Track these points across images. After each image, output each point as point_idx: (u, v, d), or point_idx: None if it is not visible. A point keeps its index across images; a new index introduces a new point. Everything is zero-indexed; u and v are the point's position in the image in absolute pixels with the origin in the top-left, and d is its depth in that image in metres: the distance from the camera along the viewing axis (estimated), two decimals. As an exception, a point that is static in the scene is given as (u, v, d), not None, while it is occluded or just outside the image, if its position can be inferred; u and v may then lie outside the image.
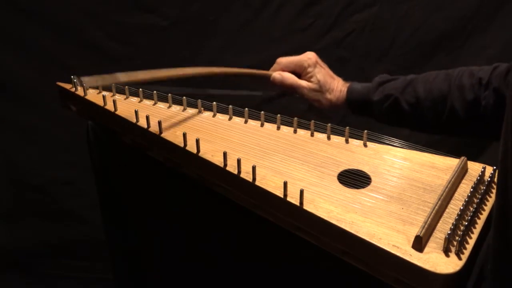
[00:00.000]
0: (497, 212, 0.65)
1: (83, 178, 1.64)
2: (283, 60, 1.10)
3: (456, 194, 0.80)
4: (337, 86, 1.08)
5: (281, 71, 1.10)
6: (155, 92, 1.03)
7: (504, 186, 0.61)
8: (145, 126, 0.94)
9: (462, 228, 0.72)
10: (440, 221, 0.74)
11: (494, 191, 0.82)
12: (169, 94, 1.03)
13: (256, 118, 1.00)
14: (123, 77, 0.95)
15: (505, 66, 0.93)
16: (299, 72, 1.09)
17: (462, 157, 0.86)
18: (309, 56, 1.09)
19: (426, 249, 0.70)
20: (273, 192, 0.79)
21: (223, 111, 1.02)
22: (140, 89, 1.04)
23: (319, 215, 0.75)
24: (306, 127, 0.97)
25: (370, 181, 0.84)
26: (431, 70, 1.06)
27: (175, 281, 1.12)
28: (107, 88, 1.04)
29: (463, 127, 0.97)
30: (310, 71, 1.07)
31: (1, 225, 1.76)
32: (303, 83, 1.08)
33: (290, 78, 1.08)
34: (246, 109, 1.00)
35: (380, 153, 0.91)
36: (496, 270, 0.65)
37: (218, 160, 0.86)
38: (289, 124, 0.98)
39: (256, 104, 1.10)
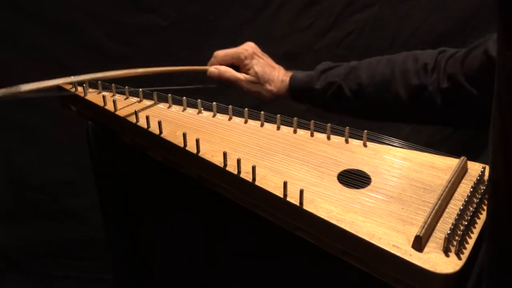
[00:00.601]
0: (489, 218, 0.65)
1: (83, 178, 1.64)
2: (220, 53, 1.08)
3: (456, 194, 0.80)
4: (278, 76, 1.06)
5: (218, 65, 1.07)
6: (155, 92, 1.03)
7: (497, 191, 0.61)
8: (145, 126, 0.94)
9: (462, 228, 0.72)
10: (440, 221, 0.74)
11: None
12: (169, 94, 1.03)
13: (256, 118, 1.00)
14: (25, 87, 0.94)
15: (457, 53, 0.91)
16: (236, 64, 1.07)
17: (462, 157, 0.86)
18: (246, 48, 1.07)
19: (426, 249, 0.70)
20: (273, 192, 0.79)
21: (223, 111, 1.02)
22: (140, 89, 1.04)
23: (319, 215, 0.75)
24: (306, 127, 0.97)
25: (370, 181, 0.84)
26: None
27: (175, 281, 1.12)
28: (107, 88, 1.04)
29: (407, 113, 0.96)
30: (247, 63, 1.05)
31: (1, 225, 1.76)
32: (241, 76, 1.06)
33: (227, 71, 1.06)
34: (246, 109, 1.00)
35: (380, 153, 0.91)
36: (491, 276, 0.65)
37: (218, 160, 0.86)
38: (289, 124, 0.98)
39: (256, 104, 1.10)
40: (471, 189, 0.80)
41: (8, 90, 0.92)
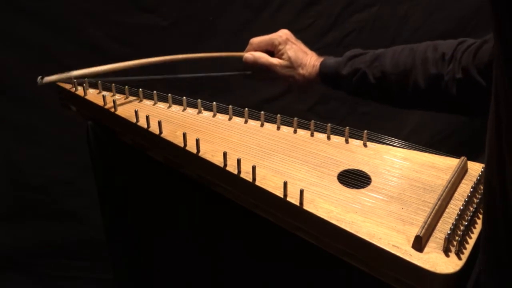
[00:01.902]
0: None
1: (83, 178, 1.64)
2: (255, 40, 1.12)
3: (456, 194, 0.80)
4: (310, 61, 1.09)
5: (253, 51, 1.11)
6: (155, 92, 1.03)
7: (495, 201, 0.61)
8: (145, 126, 0.94)
9: (462, 228, 0.72)
10: (440, 221, 0.74)
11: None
12: (169, 94, 1.03)
13: (256, 118, 1.00)
14: (77, 72, 0.98)
15: (473, 44, 0.93)
16: (271, 50, 1.10)
17: (462, 157, 0.86)
18: (280, 34, 1.10)
19: (426, 249, 0.70)
20: (273, 192, 0.79)
21: (223, 111, 1.02)
22: (140, 89, 1.04)
23: (319, 215, 0.75)
24: (306, 127, 0.97)
25: (370, 181, 0.84)
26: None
27: (175, 281, 1.12)
28: (107, 88, 1.04)
29: (425, 101, 0.98)
30: (281, 48, 1.08)
31: (1, 225, 1.75)
32: (275, 60, 1.09)
33: (262, 57, 1.09)
34: (246, 109, 1.00)
35: (380, 153, 0.91)
36: (488, 276, 0.65)
37: (218, 160, 0.86)
38: (289, 124, 0.98)
39: (256, 104, 1.10)
40: (471, 189, 0.80)
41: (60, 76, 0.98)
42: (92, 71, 1.00)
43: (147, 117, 0.93)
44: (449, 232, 0.70)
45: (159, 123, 0.92)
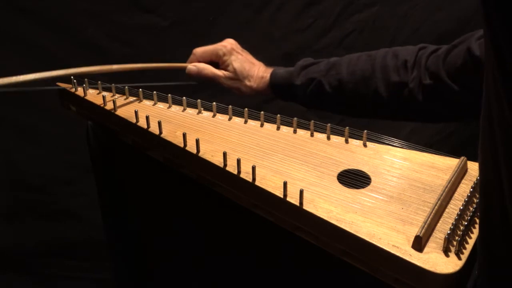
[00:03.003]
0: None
1: (83, 178, 1.64)
2: (198, 50, 1.08)
3: (456, 194, 0.80)
4: (258, 73, 1.06)
5: (196, 63, 1.08)
6: (155, 92, 1.03)
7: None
8: (145, 126, 0.94)
9: (462, 228, 0.72)
10: (440, 221, 0.74)
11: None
12: (169, 95, 1.03)
13: (256, 118, 1.00)
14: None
15: (439, 49, 0.91)
16: (216, 61, 1.07)
17: (462, 157, 0.86)
18: (225, 44, 1.07)
19: (426, 249, 0.70)
20: (273, 192, 0.79)
21: (223, 111, 1.02)
22: (140, 90, 1.04)
23: (319, 215, 0.75)
24: (306, 127, 0.97)
25: (370, 181, 0.84)
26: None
27: (175, 281, 1.12)
28: (107, 88, 1.04)
29: (387, 110, 0.96)
30: (226, 59, 1.05)
31: (1, 225, 1.75)
32: (219, 72, 1.06)
33: (206, 68, 1.06)
34: (246, 109, 1.00)
35: (380, 153, 0.91)
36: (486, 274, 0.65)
37: (218, 160, 0.86)
38: (289, 124, 0.98)
39: (256, 104, 1.10)
40: (471, 189, 0.80)
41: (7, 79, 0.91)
42: (43, 75, 0.94)
43: (147, 117, 0.93)
44: (449, 232, 0.70)
45: (159, 123, 0.92)
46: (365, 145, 0.93)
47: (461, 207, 0.76)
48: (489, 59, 0.50)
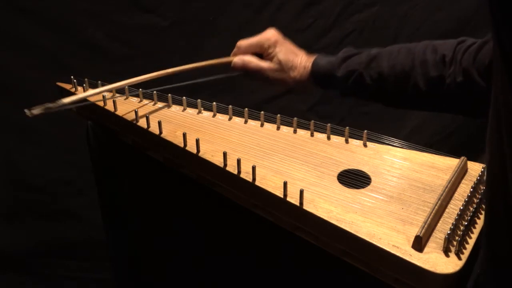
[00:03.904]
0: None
1: (83, 178, 1.64)
2: (243, 44, 1.07)
3: (456, 194, 0.80)
4: (300, 63, 1.04)
5: (242, 56, 1.06)
6: (155, 92, 1.03)
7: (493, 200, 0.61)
8: (145, 126, 0.94)
9: (462, 228, 0.72)
10: (440, 221, 0.74)
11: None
12: (169, 95, 1.03)
13: (256, 118, 1.00)
14: (66, 99, 0.93)
15: (473, 45, 0.92)
16: (260, 52, 1.06)
17: (462, 157, 0.86)
18: (269, 36, 1.06)
19: (426, 249, 0.70)
20: (273, 192, 0.79)
21: (223, 111, 1.02)
22: (140, 89, 1.04)
23: (319, 215, 0.75)
24: (306, 127, 0.97)
25: (370, 181, 0.84)
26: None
27: (175, 281, 1.13)
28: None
29: (426, 102, 0.96)
30: (271, 51, 1.04)
31: (1, 225, 1.75)
32: (265, 65, 1.04)
33: (252, 61, 1.05)
34: (246, 109, 1.00)
35: (380, 153, 0.91)
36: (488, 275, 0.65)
37: (218, 160, 0.86)
38: (289, 124, 0.98)
39: (256, 104, 1.10)
40: (471, 189, 0.80)
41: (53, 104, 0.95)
42: (81, 96, 0.95)
43: (147, 117, 0.93)
44: (449, 232, 0.70)
45: (159, 123, 0.92)
46: (365, 145, 0.93)
47: (461, 207, 0.76)
48: (496, 61, 0.51)
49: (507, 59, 0.48)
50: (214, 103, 1.01)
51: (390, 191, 0.81)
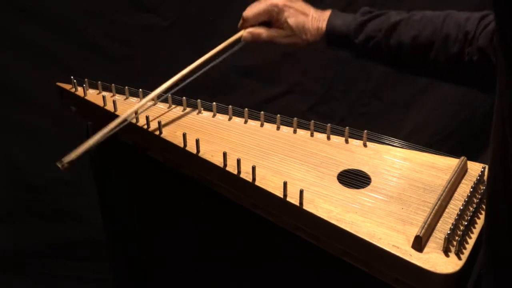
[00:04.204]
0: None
1: (83, 178, 1.64)
2: (249, 15, 1.04)
3: (456, 194, 0.80)
4: (312, 24, 1.02)
5: (250, 29, 1.04)
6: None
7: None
8: (145, 126, 0.94)
9: (462, 228, 0.72)
10: (440, 221, 0.74)
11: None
12: (169, 94, 1.03)
13: (256, 118, 1.00)
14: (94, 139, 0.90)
15: (491, 23, 0.90)
16: (268, 20, 1.04)
17: (462, 157, 0.86)
18: (275, 2, 1.02)
19: (426, 249, 0.70)
20: (273, 192, 0.79)
21: (223, 111, 1.02)
22: (140, 89, 1.04)
23: (319, 215, 0.75)
24: (306, 127, 0.97)
25: (370, 181, 0.84)
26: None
27: (175, 281, 1.13)
28: (106, 88, 1.04)
29: (444, 75, 0.96)
30: (279, 18, 1.02)
31: (1, 225, 1.75)
32: (275, 32, 1.03)
33: (262, 33, 1.03)
34: (246, 109, 1.00)
35: (380, 153, 0.91)
36: (490, 276, 0.65)
37: (218, 160, 0.86)
38: (289, 124, 0.98)
39: (256, 104, 1.10)
40: (471, 189, 0.80)
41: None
42: (105, 132, 0.91)
43: (147, 117, 0.93)
44: (449, 232, 0.70)
45: (159, 123, 0.92)
46: (365, 145, 0.93)
47: (461, 207, 0.76)
48: (500, 56, 0.51)
49: (511, 55, 0.48)
50: (214, 103, 1.01)
51: (390, 191, 0.81)
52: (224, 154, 0.84)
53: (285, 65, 1.13)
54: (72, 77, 1.04)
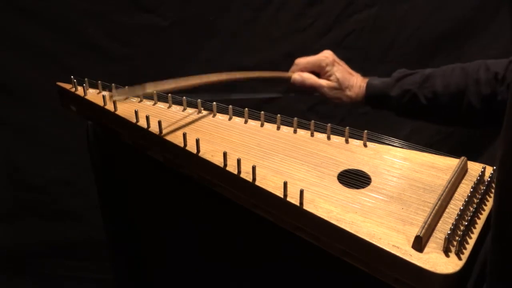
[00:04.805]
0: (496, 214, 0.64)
1: (83, 178, 1.64)
2: (302, 61, 1.12)
3: (456, 194, 0.80)
4: (356, 82, 1.09)
5: (300, 72, 1.11)
6: (155, 92, 1.03)
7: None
8: (145, 126, 0.94)
9: (462, 228, 0.72)
10: (440, 221, 0.74)
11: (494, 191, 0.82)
12: (169, 95, 1.03)
13: (256, 118, 1.00)
14: (150, 87, 0.95)
15: None
16: (317, 71, 1.11)
17: (462, 157, 0.86)
18: (326, 55, 1.10)
19: (426, 249, 0.70)
20: (273, 192, 0.79)
21: (223, 111, 1.02)
22: (140, 89, 1.04)
23: (319, 215, 0.75)
24: (306, 127, 0.97)
25: (370, 181, 0.84)
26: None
27: (175, 280, 1.12)
28: (107, 88, 1.04)
29: (479, 121, 0.99)
30: (328, 69, 1.08)
31: (1, 225, 1.75)
32: (323, 82, 1.09)
33: (310, 78, 1.10)
34: (246, 109, 1.00)
35: (380, 153, 0.91)
36: (497, 273, 0.64)
37: (218, 160, 0.86)
38: (289, 124, 0.98)
39: (256, 104, 1.10)
40: (471, 189, 0.80)
41: (133, 90, 0.96)
42: (160, 88, 0.97)
43: (147, 117, 0.93)
44: (449, 232, 0.70)
45: (159, 123, 0.92)
46: (365, 145, 0.93)
47: (461, 207, 0.76)
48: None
49: None
50: (214, 103, 1.01)
51: (390, 191, 0.81)
52: (224, 154, 0.84)
53: (285, 65, 1.14)
54: (72, 77, 1.04)
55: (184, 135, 0.89)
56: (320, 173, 0.85)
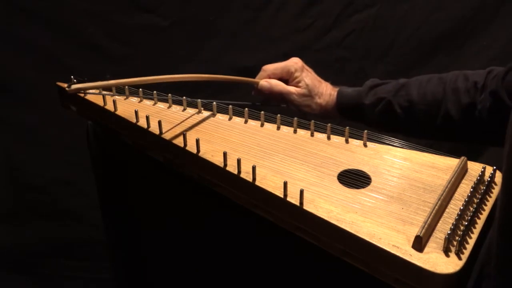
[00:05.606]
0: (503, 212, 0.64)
1: (83, 178, 1.64)
2: (269, 67, 1.07)
3: (456, 194, 0.80)
4: (326, 90, 1.06)
5: (268, 79, 1.07)
6: (155, 92, 1.03)
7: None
8: (145, 126, 0.94)
9: (462, 228, 0.72)
10: (440, 221, 0.74)
11: (494, 191, 0.82)
12: (169, 95, 1.03)
13: (256, 118, 1.00)
14: (111, 82, 0.93)
15: (502, 70, 0.91)
16: (286, 78, 1.07)
17: (462, 157, 0.86)
18: (295, 61, 1.06)
19: (426, 249, 0.70)
20: (273, 192, 0.79)
21: (223, 111, 1.02)
22: (140, 89, 1.04)
23: (319, 215, 0.75)
24: (306, 127, 0.97)
25: (370, 181, 0.84)
26: (431, 71, 1.05)
27: (175, 280, 1.12)
28: (107, 89, 1.04)
29: (457, 132, 0.96)
30: (297, 75, 1.05)
31: (1, 225, 1.76)
32: (292, 89, 1.05)
33: (279, 85, 1.05)
34: (246, 109, 1.00)
35: (380, 153, 0.91)
36: (501, 269, 0.64)
37: (218, 160, 0.86)
38: (289, 124, 0.98)
39: (256, 104, 1.10)
40: (471, 189, 0.80)
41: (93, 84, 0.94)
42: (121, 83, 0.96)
43: (147, 117, 0.93)
44: (449, 232, 0.70)
45: (159, 123, 0.92)
46: (365, 145, 0.93)
47: (461, 207, 0.76)
48: None
49: None
50: (214, 103, 1.01)
51: (390, 191, 0.81)
52: (224, 154, 0.84)
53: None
54: (72, 77, 1.04)
55: (184, 135, 0.89)
56: (320, 173, 0.85)
